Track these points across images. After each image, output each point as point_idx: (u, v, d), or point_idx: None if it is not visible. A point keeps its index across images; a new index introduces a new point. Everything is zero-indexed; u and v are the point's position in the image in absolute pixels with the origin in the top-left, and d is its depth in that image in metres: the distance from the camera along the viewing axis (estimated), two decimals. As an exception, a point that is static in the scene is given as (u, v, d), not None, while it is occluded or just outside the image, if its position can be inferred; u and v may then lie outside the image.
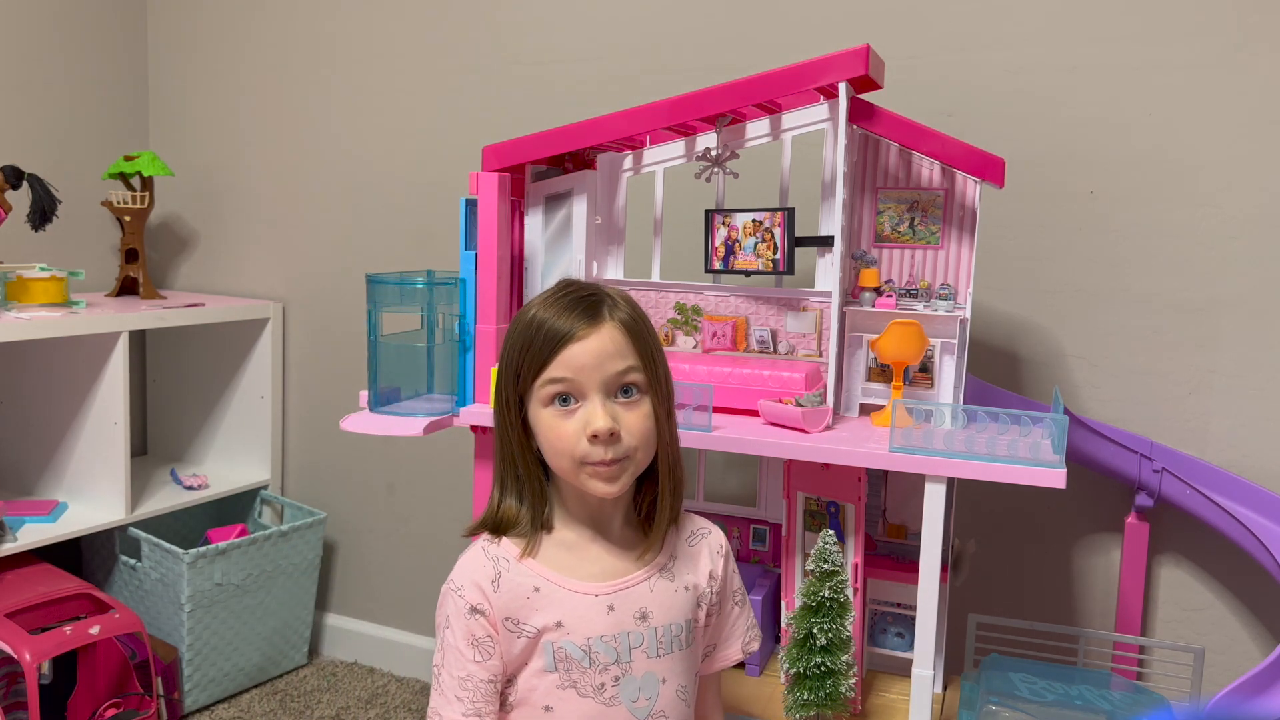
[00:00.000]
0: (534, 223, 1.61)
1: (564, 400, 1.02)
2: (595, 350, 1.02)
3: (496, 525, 1.09)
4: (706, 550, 1.15)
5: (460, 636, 1.04)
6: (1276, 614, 1.64)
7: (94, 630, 1.82)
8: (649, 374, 1.05)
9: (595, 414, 1.01)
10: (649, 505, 1.11)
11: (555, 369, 1.02)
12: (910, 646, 1.44)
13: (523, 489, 1.08)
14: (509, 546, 1.07)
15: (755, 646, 1.22)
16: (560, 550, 1.08)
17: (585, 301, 1.04)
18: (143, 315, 2.11)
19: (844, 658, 1.32)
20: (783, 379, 1.42)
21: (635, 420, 1.03)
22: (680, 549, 1.13)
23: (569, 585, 1.06)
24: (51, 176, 2.16)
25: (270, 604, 2.23)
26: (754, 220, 1.52)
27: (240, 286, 2.52)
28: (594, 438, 1.00)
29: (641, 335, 1.06)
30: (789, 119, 1.52)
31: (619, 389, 1.03)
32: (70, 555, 2.22)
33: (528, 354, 1.03)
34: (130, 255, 2.35)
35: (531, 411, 1.05)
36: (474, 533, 1.11)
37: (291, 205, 2.43)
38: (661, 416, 1.06)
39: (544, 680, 1.04)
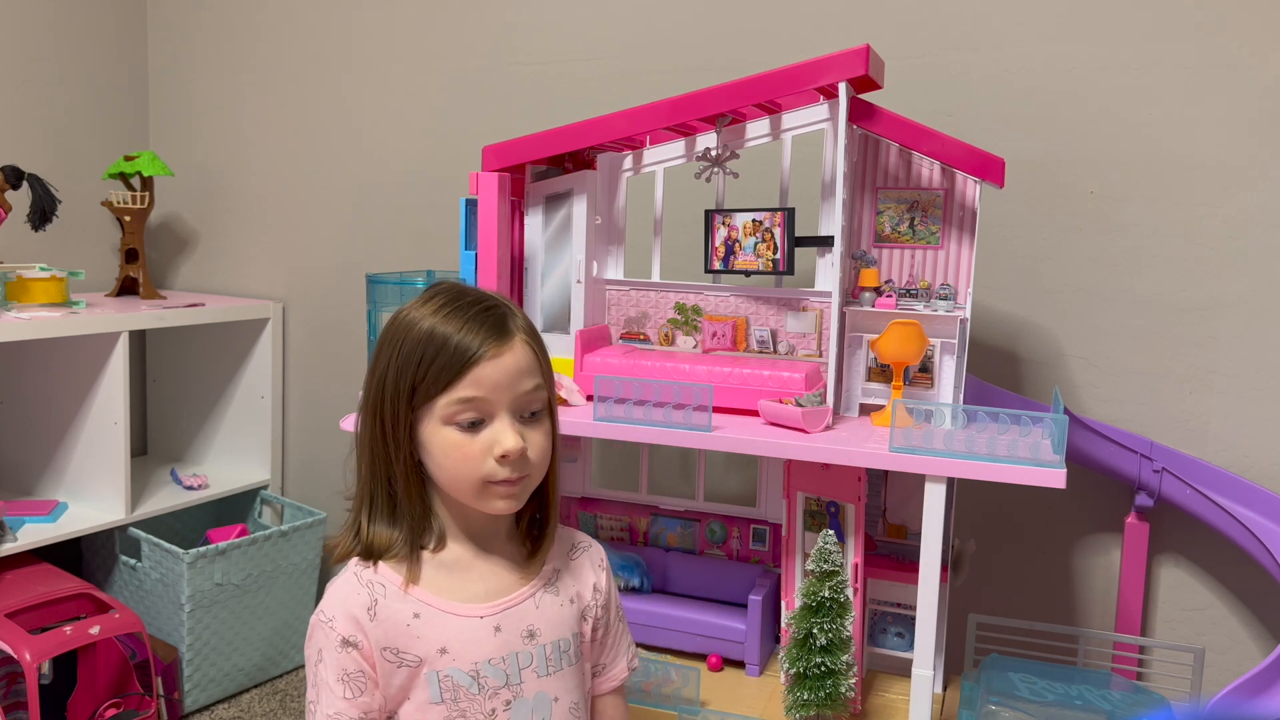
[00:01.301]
0: (534, 223, 1.61)
1: (472, 421, 0.97)
2: (509, 369, 0.97)
3: (367, 551, 1.02)
4: (589, 563, 1.12)
5: (331, 672, 0.97)
6: (1276, 614, 1.64)
7: (94, 630, 1.82)
8: (550, 391, 1.02)
9: (506, 434, 0.96)
10: (529, 518, 1.08)
11: (465, 389, 0.96)
12: (910, 646, 1.44)
13: (398, 510, 1.02)
14: (385, 571, 1.00)
15: (637, 663, 1.18)
16: (441, 572, 1.02)
17: (491, 315, 0.99)
18: (143, 315, 2.11)
19: (844, 658, 1.32)
20: (783, 379, 1.42)
21: (539, 438, 1.00)
22: (563, 562, 1.10)
23: (452, 609, 1.00)
24: (51, 176, 2.16)
25: (270, 604, 2.23)
26: (754, 220, 1.52)
27: (240, 286, 2.52)
28: (503, 458, 0.96)
29: (542, 349, 1.03)
30: (789, 119, 1.52)
31: (525, 409, 0.99)
32: (70, 555, 2.22)
33: (430, 369, 0.96)
34: (130, 255, 2.35)
35: (426, 429, 0.98)
36: (342, 558, 1.04)
37: (291, 205, 2.43)
38: (555, 431, 1.04)
39: (429, 714, 0.98)
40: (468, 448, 0.97)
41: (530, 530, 1.08)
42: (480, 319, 0.98)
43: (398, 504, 1.02)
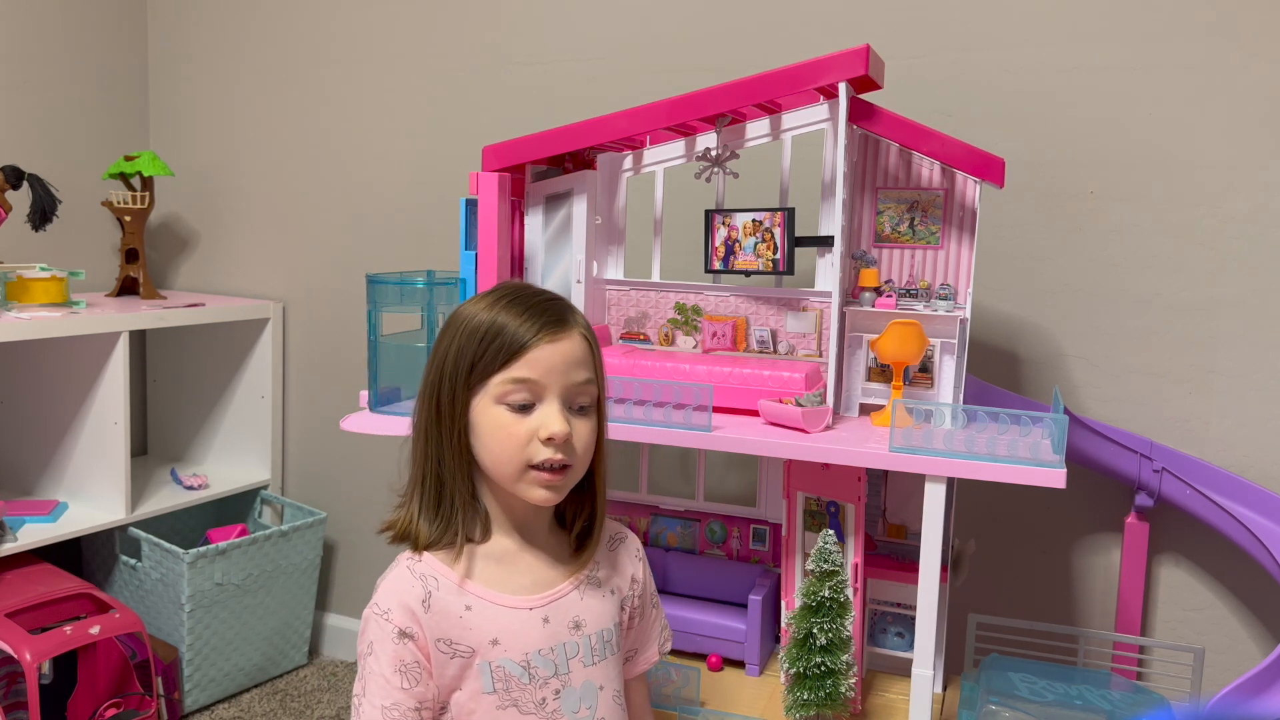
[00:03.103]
0: (534, 223, 1.61)
1: (523, 403, 1.00)
2: (564, 354, 1.01)
3: (416, 534, 1.05)
4: (627, 555, 1.15)
5: (387, 663, 0.99)
6: (1276, 614, 1.64)
7: (94, 630, 1.82)
8: (600, 389, 1.05)
9: (554, 418, 0.99)
10: (573, 513, 1.11)
11: (520, 369, 0.99)
12: (910, 646, 1.44)
13: (444, 497, 1.04)
14: (434, 564, 1.04)
15: (670, 646, 1.22)
16: (489, 564, 1.05)
17: (552, 306, 1.03)
18: (143, 315, 2.11)
19: (844, 658, 1.32)
20: (783, 379, 1.42)
21: (584, 431, 1.03)
22: (602, 554, 1.13)
23: (502, 601, 1.03)
24: (51, 176, 2.16)
25: (270, 604, 2.23)
26: (754, 220, 1.52)
27: (240, 286, 2.52)
28: (549, 440, 0.99)
29: (597, 349, 1.06)
30: (789, 119, 1.52)
31: (574, 400, 1.02)
32: (70, 555, 2.22)
33: (489, 349, 0.99)
34: (130, 255, 2.35)
35: (477, 409, 1.01)
36: (394, 539, 1.07)
37: (291, 205, 2.43)
38: (603, 432, 1.08)
39: (482, 703, 1.01)
40: (515, 428, 1.00)
41: (573, 524, 1.11)
42: (542, 307, 1.02)
43: (444, 488, 1.04)
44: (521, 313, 1.01)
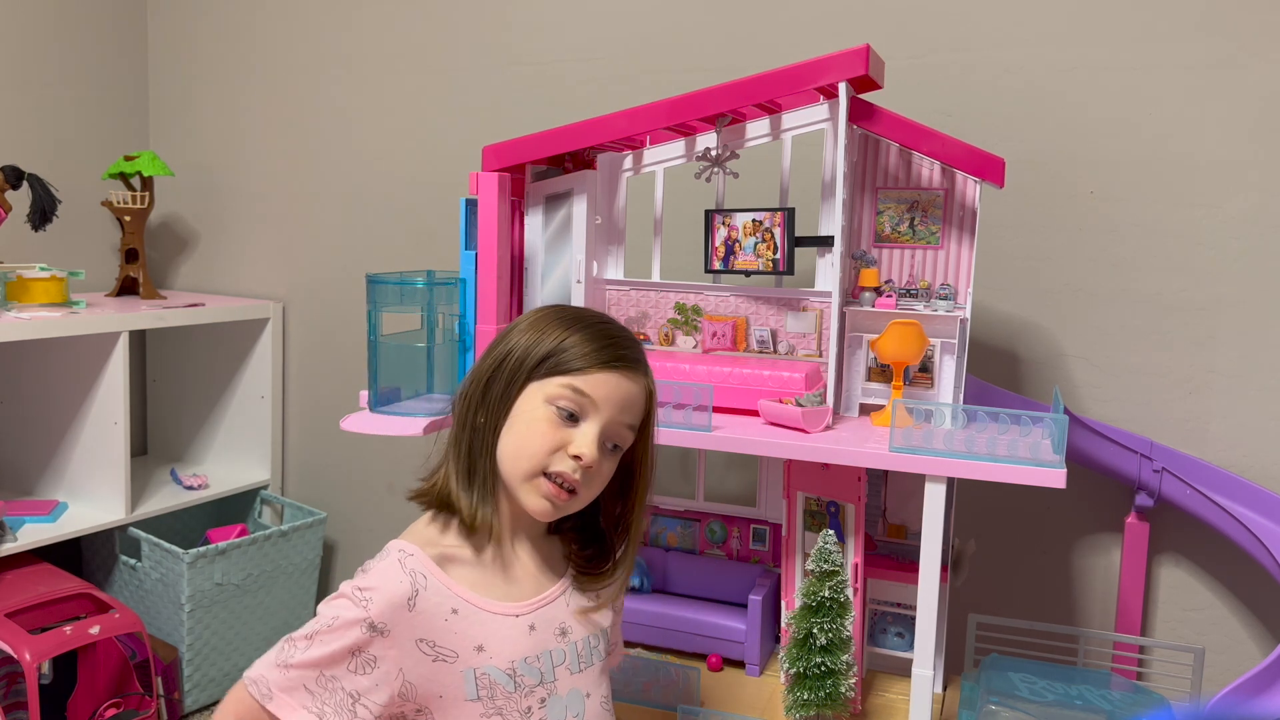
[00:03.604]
0: (534, 223, 1.61)
1: (569, 414, 1.01)
2: (625, 393, 1.03)
3: (455, 502, 1.04)
4: None
5: (345, 641, 0.95)
6: (1276, 614, 1.64)
7: (94, 630, 1.82)
8: (639, 440, 1.07)
9: (589, 440, 1.01)
10: (578, 539, 1.12)
11: (585, 383, 1.01)
12: (910, 646, 1.44)
13: (475, 469, 1.04)
14: (425, 561, 1.01)
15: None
16: (478, 568, 1.04)
17: (635, 349, 1.06)
18: (143, 315, 2.11)
19: (844, 658, 1.32)
20: (783, 379, 1.42)
21: (604, 468, 1.04)
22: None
23: (488, 607, 1.02)
24: (51, 176, 2.16)
25: (270, 604, 2.23)
26: (754, 220, 1.52)
27: (240, 286, 2.52)
28: (575, 458, 1.00)
29: (653, 410, 1.09)
30: (789, 119, 1.52)
31: (611, 436, 1.04)
32: (70, 555, 2.22)
33: (573, 350, 1.02)
34: (130, 255, 2.35)
35: (525, 399, 1.02)
36: (422, 498, 1.07)
37: (291, 205, 2.43)
38: (642, 490, 1.10)
39: (466, 711, 1.00)
40: (550, 431, 1.01)
41: (575, 544, 1.12)
42: (625, 343, 1.05)
43: (473, 457, 1.04)
44: (608, 338, 1.04)
